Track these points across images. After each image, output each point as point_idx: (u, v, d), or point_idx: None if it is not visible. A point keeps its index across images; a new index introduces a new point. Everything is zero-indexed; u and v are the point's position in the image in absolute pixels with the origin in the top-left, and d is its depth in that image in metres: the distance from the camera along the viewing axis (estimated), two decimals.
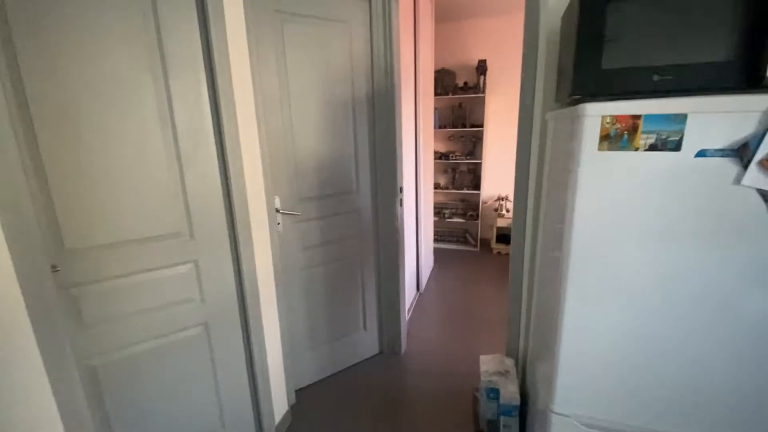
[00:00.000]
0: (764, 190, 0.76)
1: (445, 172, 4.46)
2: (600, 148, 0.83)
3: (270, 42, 1.61)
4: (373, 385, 2.08)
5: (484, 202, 4.36)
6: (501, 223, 4.01)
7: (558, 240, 0.99)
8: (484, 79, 3.90)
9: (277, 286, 1.75)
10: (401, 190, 2.16)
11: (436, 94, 3.83)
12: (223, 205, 1.42)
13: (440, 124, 4.15)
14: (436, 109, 3.90)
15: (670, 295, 0.87)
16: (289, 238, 1.83)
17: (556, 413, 1.02)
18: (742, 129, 0.75)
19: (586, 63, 0.89)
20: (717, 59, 0.81)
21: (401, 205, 2.18)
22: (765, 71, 0.77)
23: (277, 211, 1.74)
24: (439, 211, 4.40)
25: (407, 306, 2.69)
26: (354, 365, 2.24)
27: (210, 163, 1.36)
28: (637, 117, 0.79)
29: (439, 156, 4.23)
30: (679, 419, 0.93)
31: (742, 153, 0.75)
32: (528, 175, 1.52)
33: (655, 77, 0.85)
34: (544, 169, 1.41)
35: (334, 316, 2.10)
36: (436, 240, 4.34)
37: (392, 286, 2.26)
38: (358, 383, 2.10)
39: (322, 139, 1.85)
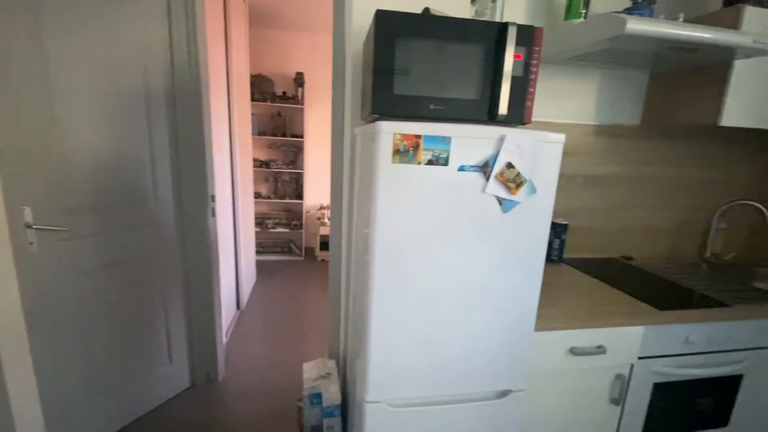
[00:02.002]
0: (499, 197, 1.03)
1: (267, 180, 4.32)
2: (393, 161, 0.96)
3: (15, 5, 1.20)
4: (183, 425, 1.79)
5: (308, 211, 4.43)
6: (324, 231, 4.15)
7: (366, 244, 1.09)
8: (303, 92, 3.99)
9: (30, 326, 1.31)
10: (213, 198, 1.96)
11: (253, 99, 3.68)
12: None
13: (259, 131, 4.00)
14: (253, 114, 3.74)
15: (447, 282, 1.08)
16: (50, 261, 1.39)
17: (368, 402, 1.11)
18: (485, 151, 1.00)
19: (381, 88, 1.02)
20: (470, 97, 1.06)
21: (214, 215, 1.98)
22: (497, 110, 1.05)
23: (29, 226, 1.30)
24: (261, 221, 4.21)
25: (225, 327, 2.45)
26: (158, 407, 1.89)
27: None
28: (418, 136, 0.95)
29: (259, 164, 4.07)
30: (464, 382, 1.16)
31: (485, 169, 1.00)
32: (342, 184, 1.62)
33: (431, 106, 1.05)
34: (354, 179, 1.53)
35: (126, 354, 1.71)
36: (259, 252, 4.13)
37: (204, 308, 2.02)
38: (164, 428, 1.77)
39: (102, 136, 1.50)
